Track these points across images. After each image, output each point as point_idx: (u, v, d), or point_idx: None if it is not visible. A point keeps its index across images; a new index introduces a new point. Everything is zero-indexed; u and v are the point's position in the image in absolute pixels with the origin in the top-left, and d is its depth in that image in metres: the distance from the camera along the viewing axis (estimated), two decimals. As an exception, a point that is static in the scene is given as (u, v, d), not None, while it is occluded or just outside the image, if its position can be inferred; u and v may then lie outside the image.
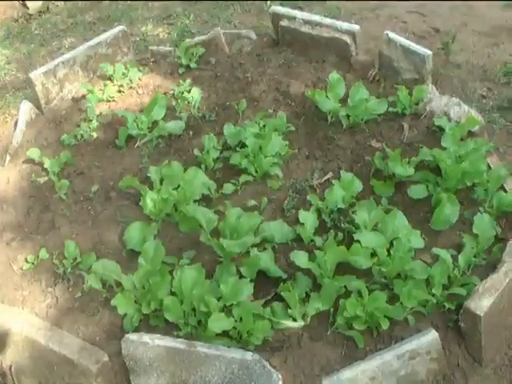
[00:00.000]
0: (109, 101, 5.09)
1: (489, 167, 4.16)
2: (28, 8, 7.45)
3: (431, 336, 3.28)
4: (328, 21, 5.20)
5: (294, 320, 3.49)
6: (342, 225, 3.94)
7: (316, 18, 5.26)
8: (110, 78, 5.24)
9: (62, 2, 7.64)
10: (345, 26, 5.13)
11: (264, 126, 4.59)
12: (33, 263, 3.99)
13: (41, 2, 7.48)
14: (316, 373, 3.30)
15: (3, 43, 6.90)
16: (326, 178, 4.31)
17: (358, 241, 3.67)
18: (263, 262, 3.67)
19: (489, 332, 3.34)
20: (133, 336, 3.31)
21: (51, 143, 4.81)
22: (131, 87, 5.21)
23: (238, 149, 4.44)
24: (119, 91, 5.18)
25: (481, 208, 3.97)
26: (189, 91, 4.99)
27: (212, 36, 5.47)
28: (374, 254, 3.64)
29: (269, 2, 6.79)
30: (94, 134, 4.81)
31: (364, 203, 3.99)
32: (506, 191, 4.02)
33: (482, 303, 3.32)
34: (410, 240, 3.71)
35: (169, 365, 3.27)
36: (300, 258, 3.66)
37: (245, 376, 3.14)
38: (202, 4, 7.12)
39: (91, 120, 4.89)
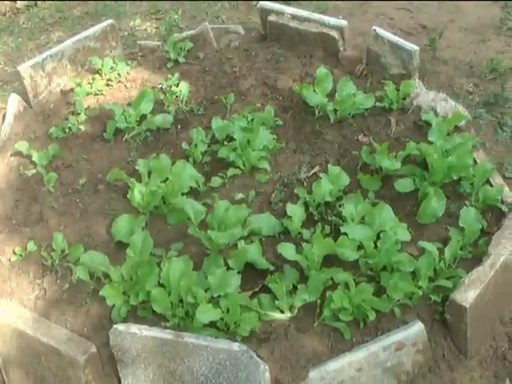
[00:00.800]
0: (97, 94, 5.07)
1: (475, 162, 4.19)
2: (16, 2, 7.43)
3: (417, 328, 3.30)
4: (316, 16, 5.21)
5: (281, 312, 3.51)
6: (330, 218, 3.96)
7: (304, 13, 5.27)
8: (98, 72, 5.22)
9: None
10: (332, 21, 5.14)
11: (252, 119, 4.61)
12: (21, 255, 3.98)
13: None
14: (303, 364, 3.32)
15: (-9, 37, 6.90)
16: (313, 171, 4.32)
17: (345, 233, 3.69)
18: (251, 254, 3.68)
19: (474, 324, 3.37)
20: (121, 327, 3.31)
21: (39, 136, 4.80)
22: (119, 81, 5.20)
23: (225, 142, 4.45)
24: (107, 85, 5.17)
25: (467, 202, 3.98)
26: (177, 85, 4.98)
27: (200, 31, 5.48)
28: (360, 247, 3.67)
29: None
30: (82, 127, 4.80)
31: (351, 196, 4.02)
32: (491, 185, 4.05)
33: (467, 295, 3.34)
34: (397, 233, 3.72)
35: (156, 355, 3.28)
36: (287, 250, 3.68)
37: (232, 366, 3.16)
38: (190, 4, 7.12)
39: (79, 113, 4.88)
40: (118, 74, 5.22)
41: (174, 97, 4.92)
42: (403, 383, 3.33)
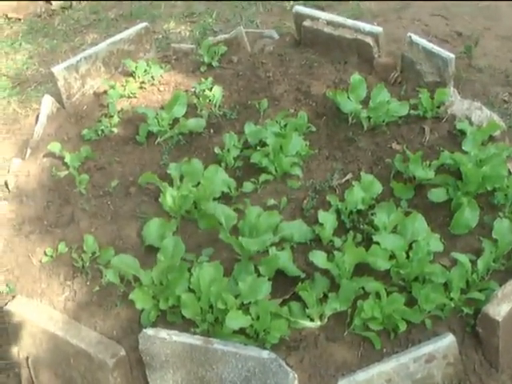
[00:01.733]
0: (130, 97, 5.08)
1: (509, 172, 4.13)
2: (51, 4, 7.49)
3: (448, 340, 3.26)
4: (351, 22, 5.19)
5: (312, 320, 3.48)
6: (361, 226, 3.93)
7: (339, 19, 5.25)
8: (131, 75, 5.24)
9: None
10: (367, 27, 5.11)
11: (285, 125, 4.58)
12: (51, 256, 4.01)
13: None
14: (332, 373, 3.30)
15: (26, 38, 6.94)
16: (345, 178, 4.30)
17: (377, 242, 3.66)
18: (282, 262, 3.66)
19: (506, 338, 3.32)
20: (150, 331, 3.31)
21: (72, 138, 4.83)
22: (153, 84, 5.21)
23: (258, 148, 4.43)
24: (141, 87, 5.18)
25: (501, 213, 3.93)
26: (210, 89, 4.97)
27: (234, 35, 5.47)
28: (392, 257, 3.63)
29: (292, 1, 6.79)
30: (115, 130, 4.81)
31: (383, 205, 3.98)
32: (526, 197, 4.01)
33: (500, 309, 3.29)
34: (429, 243, 3.68)
35: (185, 361, 3.27)
36: (318, 258, 3.65)
37: (261, 374, 3.14)
38: (224, 3, 7.12)
39: (112, 116, 4.90)
40: (152, 77, 5.23)
41: (207, 101, 4.91)
42: (433, 396, 3.30)
